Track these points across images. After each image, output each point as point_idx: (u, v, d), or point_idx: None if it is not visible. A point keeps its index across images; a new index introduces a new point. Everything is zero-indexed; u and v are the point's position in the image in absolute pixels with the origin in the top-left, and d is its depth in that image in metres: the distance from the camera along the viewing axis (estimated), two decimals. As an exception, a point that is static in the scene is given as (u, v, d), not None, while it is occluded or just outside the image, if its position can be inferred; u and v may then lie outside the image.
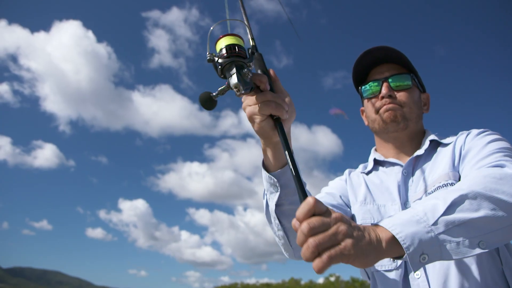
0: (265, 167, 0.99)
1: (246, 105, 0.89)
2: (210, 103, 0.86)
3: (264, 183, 1.00)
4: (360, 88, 1.41)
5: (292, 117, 0.92)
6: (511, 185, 0.83)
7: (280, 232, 1.03)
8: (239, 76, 0.82)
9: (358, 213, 1.23)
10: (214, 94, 0.86)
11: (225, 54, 0.84)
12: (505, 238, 0.82)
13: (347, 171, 1.41)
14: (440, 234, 0.74)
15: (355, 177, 1.36)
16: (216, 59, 0.84)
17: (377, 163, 1.35)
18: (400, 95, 1.28)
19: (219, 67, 0.84)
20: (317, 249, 0.63)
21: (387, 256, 0.73)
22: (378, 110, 1.30)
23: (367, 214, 1.21)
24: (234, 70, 0.82)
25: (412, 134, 1.30)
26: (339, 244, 0.64)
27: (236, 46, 0.84)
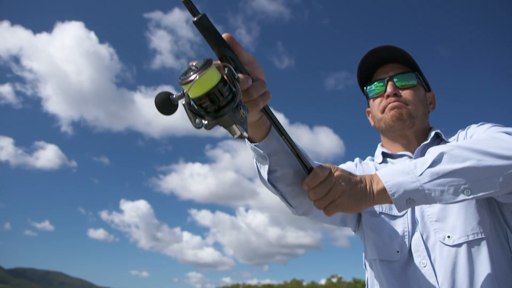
0: (249, 138, 0.95)
1: None
2: (168, 107, 0.69)
3: (251, 152, 0.97)
4: (365, 88, 1.41)
5: (265, 80, 0.86)
6: (502, 141, 0.89)
7: (277, 195, 1.02)
8: (236, 127, 0.71)
9: None
10: (174, 97, 0.69)
11: (209, 108, 0.68)
12: (491, 188, 0.86)
13: (357, 158, 1.42)
14: (425, 183, 0.86)
15: (365, 163, 1.38)
16: (200, 111, 0.69)
17: (386, 156, 1.36)
18: (406, 94, 1.29)
19: (207, 122, 0.69)
20: (321, 207, 0.91)
21: (379, 203, 0.91)
22: (384, 109, 1.30)
23: None
24: (231, 124, 0.70)
25: (418, 132, 1.31)
26: (336, 201, 0.90)
27: (216, 91, 0.67)
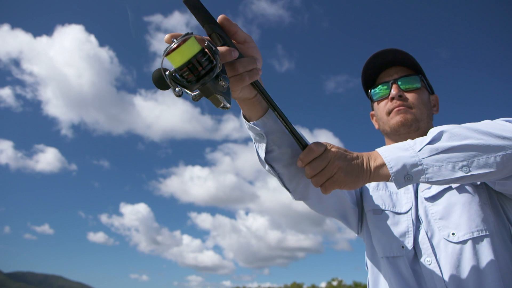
0: (245, 117, 0.97)
1: None
2: (163, 82, 0.73)
3: (249, 133, 0.99)
4: (369, 92, 1.41)
5: (260, 58, 0.88)
6: (502, 125, 0.90)
7: (275, 177, 1.03)
8: (219, 97, 0.73)
9: (369, 197, 1.25)
10: (167, 73, 0.71)
11: (190, 77, 0.71)
12: (488, 167, 0.85)
13: None
14: (423, 158, 0.86)
15: None
16: (183, 81, 0.71)
17: None
18: (410, 96, 1.29)
19: (189, 92, 0.72)
20: (318, 184, 0.92)
21: (376, 180, 0.92)
22: (389, 112, 1.31)
23: (379, 200, 1.23)
24: (212, 94, 0.72)
25: (423, 135, 1.29)
26: (333, 177, 0.90)
27: (195, 61, 0.69)
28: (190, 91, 0.72)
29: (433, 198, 1.13)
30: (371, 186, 1.28)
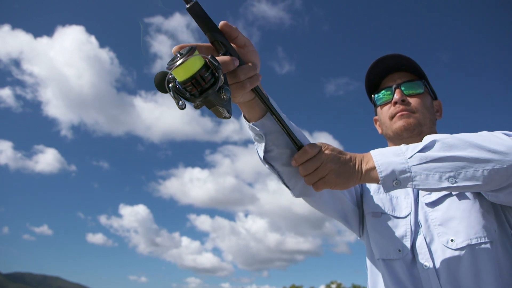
0: (246, 118, 1.00)
1: None
2: (164, 86, 0.75)
3: (250, 133, 1.01)
4: (373, 97, 1.42)
5: (259, 63, 0.89)
6: (497, 138, 0.91)
7: (275, 175, 1.06)
8: (220, 109, 0.76)
9: (370, 200, 1.27)
10: (171, 85, 0.74)
11: (193, 91, 0.73)
12: (475, 180, 0.86)
13: None
14: (412, 166, 0.89)
15: None
16: (186, 94, 0.74)
17: None
18: (413, 101, 1.30)
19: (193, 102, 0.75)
20: (309, 183, 0.98)
21: (366, 182, 0.96)
22: (392, 116, 1.32)
23: (379, 203, 1.24)
24: (214, 106, 0.75)
25: None
26: (325, 178, 0.95)
27: (199, 76, 0.72)
28: (193, 103, 0.76)
29: (434, 204, 1.14)
30: (372, 189, 1.29)
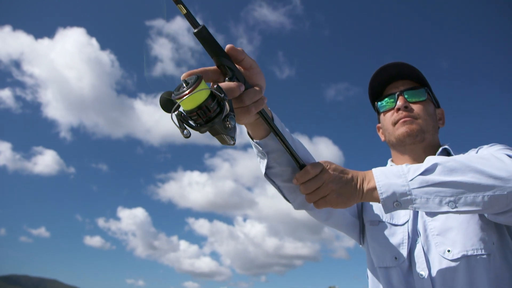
0: (249, 134, 1.01)
1: None
2: (169, 107, 0.75)
3: (253, 148, 1.02)
4: (376, 104, 1.43)
5: (264, 85, 0.90)
6: (499, 162, 0.90)
7: (276, 189, 1.07)
8: (225, 137, 0.77)
9: (369, 208, 1.28)
10: (176, 113, 0.74)
11: (198, 120, 0.74)
12: (475, 205, 0.86)
13: None
14: (413, 189, 0.89)
15: None
16: (192, 124, 0.75)
17: None
18: (416, 108, 1.31)
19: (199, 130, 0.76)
20: (310, 201, 0.98)
21: (367, 201, 0.97)
22: (395, 123, 1.32)
23: (378, 211, 1.25)
24: (218, 134, 0.76)
25: (428, 147, 1.31)
26: (326, 197, 0.96)
27: (205, 106, 0.72)
28: (198, 132, 0.76)
29: (433, 213, 1.14)
30: None
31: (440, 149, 1.28)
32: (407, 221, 1.18)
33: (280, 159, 1.01)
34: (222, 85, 0.76)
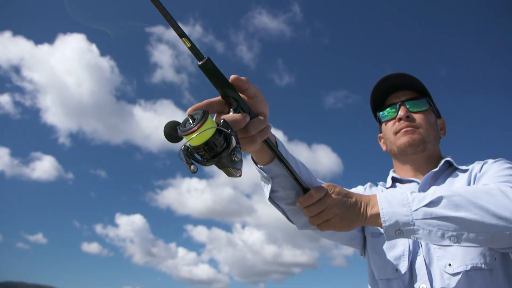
0: (253, 159, 1.01)
1: None
2: (174, 138, 0.75)
3: (257, 172, 1.02)
4: (378, 114, 1.45)
5: (268, 113, 0.89)
6: (505, 199, 0.89)
7: (279, 211, 1.08)
8: (231, 170, 0.77)
9: None
10: (179, 132, 0.74)
11: (205, 156, 0.74)
12: (476, 242, 0.87)
13: (368, 183, 1.46)
14: (416, 219, 0.90)
15: (375, 188, 1.42)
16: (199, 159, 0.75)
17: (395, 181, 1.39)
18: (417, 117, 1.32)
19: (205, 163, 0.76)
20: (314, 224, 1.00)
21: (370, 225, 0.98)
22: (396, 132, 1.34)
23: None
24: (225, 167, 0.77)
25: (430, 157, 1.32)
26: (329, 221, 0.97)
27: (211, 142, 0.72)
28: (204, 166, 0.76)
29: None
30: None
31: (443, 161, 1.29)
32: None
33: (284, 183, 1.01)
34: (228, 117, 0.76)
